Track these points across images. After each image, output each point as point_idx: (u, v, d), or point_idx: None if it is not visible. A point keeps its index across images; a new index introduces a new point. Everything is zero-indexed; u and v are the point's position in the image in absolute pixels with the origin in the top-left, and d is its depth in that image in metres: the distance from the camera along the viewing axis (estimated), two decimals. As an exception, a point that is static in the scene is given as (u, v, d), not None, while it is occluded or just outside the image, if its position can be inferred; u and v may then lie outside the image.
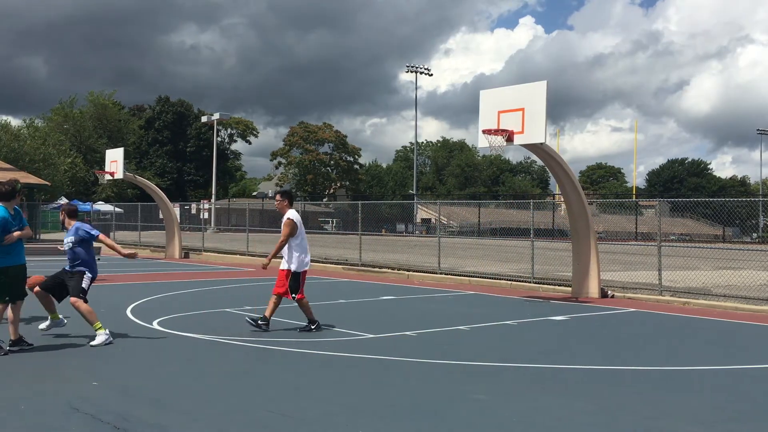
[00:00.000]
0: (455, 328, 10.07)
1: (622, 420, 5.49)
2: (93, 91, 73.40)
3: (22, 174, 38.25)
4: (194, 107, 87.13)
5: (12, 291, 7.64)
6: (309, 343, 8.52)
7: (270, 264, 9.45)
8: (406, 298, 14.17)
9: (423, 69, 73.46)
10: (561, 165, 13.90)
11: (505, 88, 13.47)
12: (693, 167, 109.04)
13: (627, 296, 14.44)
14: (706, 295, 14.07)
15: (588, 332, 10.22)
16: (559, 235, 38.74)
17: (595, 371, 7.33)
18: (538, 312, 12.08)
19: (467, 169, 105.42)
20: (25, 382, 6.33)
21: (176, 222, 26.97)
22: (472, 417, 5.46)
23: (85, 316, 8.31)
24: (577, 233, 14.61)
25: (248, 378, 6.70)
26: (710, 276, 16.97)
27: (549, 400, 6.00)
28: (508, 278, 17.08)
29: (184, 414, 5.42)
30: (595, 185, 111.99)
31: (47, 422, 5.13)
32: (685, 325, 11.02)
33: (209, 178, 66.04)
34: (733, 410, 5.90)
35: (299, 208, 29.40)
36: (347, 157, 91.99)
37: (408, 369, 7.25)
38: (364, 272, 20.09)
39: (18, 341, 7.79)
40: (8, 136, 51.54)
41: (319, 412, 5.53)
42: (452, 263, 19.92)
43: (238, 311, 11.31)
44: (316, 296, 13.72)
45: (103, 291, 14.38)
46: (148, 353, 7.89)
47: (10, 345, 7.70)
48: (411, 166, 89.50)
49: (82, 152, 66.01)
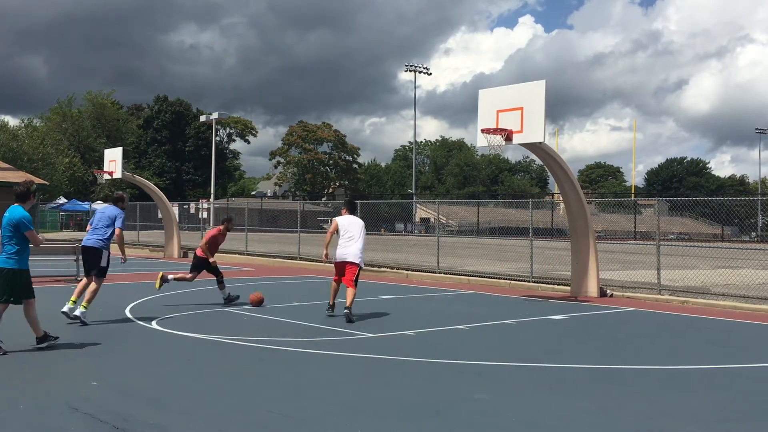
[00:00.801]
0: (454, 327, 10.08)
1: (621, 419, 5.49)
2: (91, 91, 73.37)
3: (21, 174, 38.20)
4: (193, 107, 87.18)
5: (16, 292, 7.74)
6: (309, 343, 8.52)
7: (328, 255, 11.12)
8: (405, 297, 14.18)
9: (422, 68, 73.49)
10: (560, 164, 13.91)
11: (503, 88, 13.47)
12: (692, 166, 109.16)
13: (626, 295, 14.45)
14: (705, 294, 14.09)
15: (587, 331, 10.23)
16: (558, 235, 38.73)
17: (594, 370, 7.34)
18: (537, 311, 12.09)
19: (466, 169, 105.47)
20: (25, 382, 6.33)
21: (175, 221, 26.96)
22: (471, 416, 5.46)
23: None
24: (576, 232, 14.62)
25: (248, 378, 6.70)
26: (709, 275, 16.99)
27: (548, 400, 6.01)
28: (507, 277, 17.09)
29: (184, 414, 5.42)
30: (593, 184, 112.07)
31: (47, 422, 5.13)
32: (684, 324, 11.03)
33: (208, 177, 65.99)
34: (732, 409, 5.91)
35: (298, 207, 29.40)
36: (346, 157, 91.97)
37: (407, 368, 7.25)
38: (363, 271, 20.08)
39: (44, 338, 7.94)
40: (6, 136, 51.52)
41: (319, 411, 5.53)
42: (451, 262, 19.92)
43: (238, 311, 11.31)
44: (316, 296, 13.73)
45: (102, 290, 14.35)
46: (148, 353, 7.89)
47: (37, 343, 7.91)
48: (410, 165, 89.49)
49: (80, 152, 65.97)
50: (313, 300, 13.03)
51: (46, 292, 13.95)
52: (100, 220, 10.12)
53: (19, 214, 7.68)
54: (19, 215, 7.67)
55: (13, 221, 7.66)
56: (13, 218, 7.67)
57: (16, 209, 7.74)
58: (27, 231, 7.68)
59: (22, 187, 7.85)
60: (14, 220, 7.66)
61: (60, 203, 53.35)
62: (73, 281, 15.62)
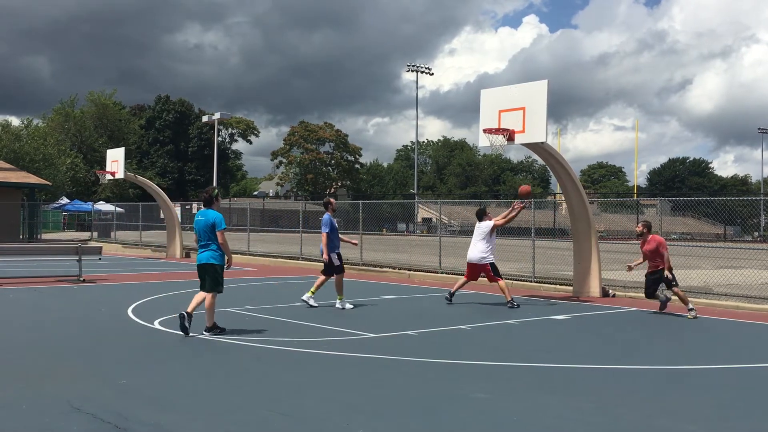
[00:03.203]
0: (456, 327, 10.07)
1: (622, 418, 5.48)
2: (93, 91, 73.42)
3: (23, 174, 38.24)
4: (195, 107, 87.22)
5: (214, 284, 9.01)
6: (309, 343, 8.52)
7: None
8: (407, 297, 14.17)
9: (423, 68, 73.42)
10: (562, 164, 13.90)
11: (505, 88, 13.46)
12: (694, 166, 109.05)
13: (628, 295, 14.43)
14: (707, 294, 14.07)
15: (589, 331, 10.21)
16: (560, 235, 38.72)
17: (596, 370, 7.33)
18: (539, 311, 12.08)
19: (468, 168, 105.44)
20: (25, 382, 6.33)
21: (177, 222, 26.97)
22: (473, 416, 5.46)
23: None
24: (578, 232, 14.60)
25: (248, 377, 6.69)
26: (711, 275, 16.96)
27: (550, 399, 6.00)
28: (509, 277, 17.06)
29: (184, 414, 5.42)
30: (596, 184, 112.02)
31: (47, 422, 5.13)
32: (686, 324, 11.01)
33: (210, 177, 66.07)
34: (734, 409, 5.89)
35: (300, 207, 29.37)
36: (348, 157, 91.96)
37: (409, 368, 7.24)
38: (364, 271, 20.09)
39: (213, 327, 9.04)
40: (8, 136, 51.57)
41: (319, 411, 5.53)
42: (453, 262, 19.90)
43: (239, 311, 11.31)
44: (318, 296, 13.72)
45: (104, 291, 14.39)
46: (149, 353, 7.89)
47: (206, 329, 9.01)
48: (412, 165, 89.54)
49: (82, 152, 66.02)
50: (315, 300, 13.02)
51: (47, 292, 13.97)
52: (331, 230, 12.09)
53: (213, 216, 8.90)
54: (213, 217, 8.89)
55: (209, 223, 8.87)
56: (209, 220, 8.88)
57: (210, 213, 8.93)
58: (219, 230, 8.86)
59: (206, 194, 9.15)
60: (210, 222, 8.87)
61: (62, 203, 53.41)
62: (75, 281, 15.64)
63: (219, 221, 8.88)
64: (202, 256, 8.97)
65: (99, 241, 33.72)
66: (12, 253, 17.63)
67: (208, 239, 8.90)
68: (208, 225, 8.88)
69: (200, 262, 9.01)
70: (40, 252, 18.53)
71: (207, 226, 8.88)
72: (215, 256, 8.91)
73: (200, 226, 8.94)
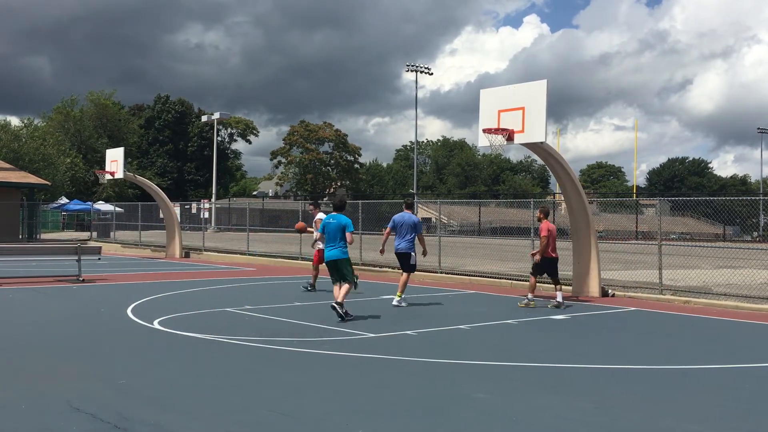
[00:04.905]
0: (456, 327, 10.07)
1: (622, 418, 5.48)
2: (93, 91, 73.42)
3: (22, 174, 38.25)
4: (194, 106, 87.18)
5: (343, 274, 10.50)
6: (310, 343, 8.52)
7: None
8: (406, 297, 14.16)
9: (423, 68, 73.35)
10: (561, 164, 13.90)
11: (505, 87, 13.46)
12: (693, 166, 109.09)
13: (627, 295, 14.44)
14: (707, 294, 14.07)
15: (588, 331, 10.22)
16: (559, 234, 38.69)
17: (595, 370, 7.33)
18: (539, 311, 12.08)
19: (467, 168, 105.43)
20: (25, 382, 6.33)
21: (177, 222, 26.97)
22: (473, 416, 5.46)
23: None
24: (578, 232, 14.61)
25: (248, 377, 6.69)
26: (711, 275, 16.97)
27: (549, 399, 6.00)
28: (508, 277, 17.06)
29: (184, 414, 5.42)
30: (595, 184, 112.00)
31: (47, 422, 5.13)
32: (686, 324, 11.02)
33: (210, 177, 66.06)
34: (734, 409, 5.89)
35: (299, 207, 29.38)
36: (347, 157, 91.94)
37: (409, 368, 7.24)
38: (364, 271, 20.07)
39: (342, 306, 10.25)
40: (8, 136, 51.56)
41: (319, 411, 5.53)
42: (452, 262, 19.91)
43: (239, 311, 11.31)
44: (317, 296, 13.73)
45: (103, 291, 14.39)
46: (149, 353, 7.89)
47: (337, 304, 10.23)
48: (411, 165, 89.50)
49: (82, 152, 66.01)
50: (315, 300, 13.03)
51: (47, 292, 13.97)
52: (404, 228, 12.52)
53: (345, 220, 10.47)
54: (345, 221, 10.47)
55: (341, 225, 10.41)
56: (341, 222, 10.43)
57: (341, 217, 10.51)
58: (349, 232, 10.40)
59: (338, 201, 10.82)
60: (342, 224, 10.42)
61: (62, 203, 53.41)
62: (75, 281, 15.64)
63: (350, 225, 10.47)
64: (334, 253, 10.40)
65: (98, 241, 33.72)
66: (11, 253, 17.63)
67: (340, 239, 10.41)
68: (340, 226, 10.41)
69: (332, 258, 10.40)
70: (39, 252, 18.54)
71: (339, 228, 10.41)
72: (345, 252, 10.48)
73: (332, 228, 10.47)
